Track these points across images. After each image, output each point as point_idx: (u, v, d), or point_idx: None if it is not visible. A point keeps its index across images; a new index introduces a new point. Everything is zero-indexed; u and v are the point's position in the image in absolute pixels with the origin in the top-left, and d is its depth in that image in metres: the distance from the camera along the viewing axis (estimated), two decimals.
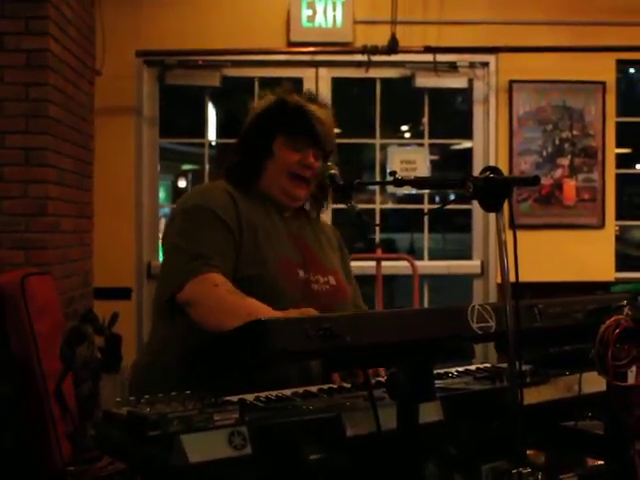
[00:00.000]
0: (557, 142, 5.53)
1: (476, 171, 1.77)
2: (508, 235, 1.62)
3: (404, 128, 9.13)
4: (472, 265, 5.65)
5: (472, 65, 5.58)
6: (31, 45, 4.27)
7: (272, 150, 2.35)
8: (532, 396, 1.86)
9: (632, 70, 5.99)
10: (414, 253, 9.37)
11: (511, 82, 5.49)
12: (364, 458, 1.59)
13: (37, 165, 4.28)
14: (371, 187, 5.95)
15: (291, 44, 5.42)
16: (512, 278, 1.65)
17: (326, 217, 4.09)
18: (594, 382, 1.89)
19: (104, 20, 5.22)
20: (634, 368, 1.80)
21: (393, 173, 1.96)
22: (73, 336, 3.67)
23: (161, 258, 2.38)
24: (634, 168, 7.43)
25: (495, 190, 1.70)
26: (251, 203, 2.31)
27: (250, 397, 1.78)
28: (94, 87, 5.27)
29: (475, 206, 5.53)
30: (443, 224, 15.25)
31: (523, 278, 1.70)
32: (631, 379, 1.82)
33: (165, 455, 1.39)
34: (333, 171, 2.27)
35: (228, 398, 1.69)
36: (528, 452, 1.85)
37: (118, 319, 4.68)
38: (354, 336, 1.50)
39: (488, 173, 1.72)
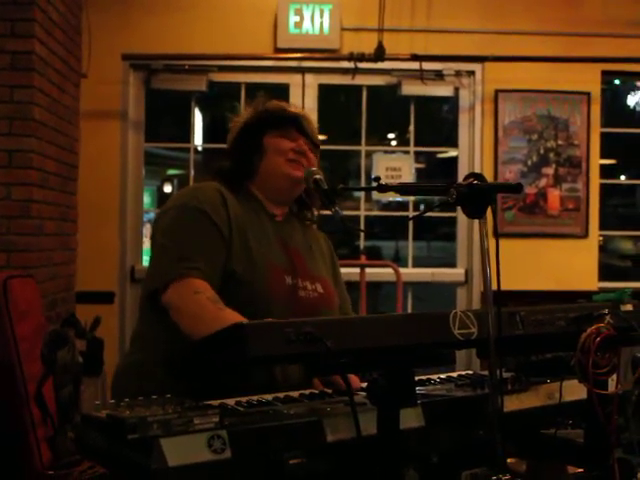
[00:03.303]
0: (542, 151, 5.55)
1: (461, 179, 1.77)
2: (491, 243, 1.62)
3: (390, 136, 9.15)
4: (456, 273, 5.66)
5: (458, 74, 5.60)
6: (16, 47, 4.26)
7: (263, 148, 2.37)
8: (513, 403, 1.87)
9: (617, 81, 6.01)
10: (399, 261, 9.38)
11: (497, 91, 5.52)
12: (344, 463, 1.58)
13: (21, 167, 4.26)
14: (356, 194, 5.97)
15: (278, 50, 5.43)
16: (495, 286, 1.65)
17: None
18: (575, 390, 1.89)
19: (91, 23, 5.21)
20: (614, 376, 1.81)
21: (377, 179, 1.95)
22: (54, 339, 3.66)
23: (149, 255, 2.37)
24: (618, 179, 7.49)
25: (478, 197, 1.70)
26: (242, 205, 2.31)
27: (231, 401, 1.78)
28: (80, 90, 5.25)
29: (460, 214, 5.55)
30: (428, 232, 15.27)
31: (506, 286, 1.70)
32: (612, 387, 1.83)
33: (144, 459, 1.38)
34: (318, 176, 2.27)
35: (209, 402, 1.69)
36: (509, 460, 1.85)
37: (100, 323, 4.68)
38: (335, 341, 1.49)
39: (471, 180, 1.72)
